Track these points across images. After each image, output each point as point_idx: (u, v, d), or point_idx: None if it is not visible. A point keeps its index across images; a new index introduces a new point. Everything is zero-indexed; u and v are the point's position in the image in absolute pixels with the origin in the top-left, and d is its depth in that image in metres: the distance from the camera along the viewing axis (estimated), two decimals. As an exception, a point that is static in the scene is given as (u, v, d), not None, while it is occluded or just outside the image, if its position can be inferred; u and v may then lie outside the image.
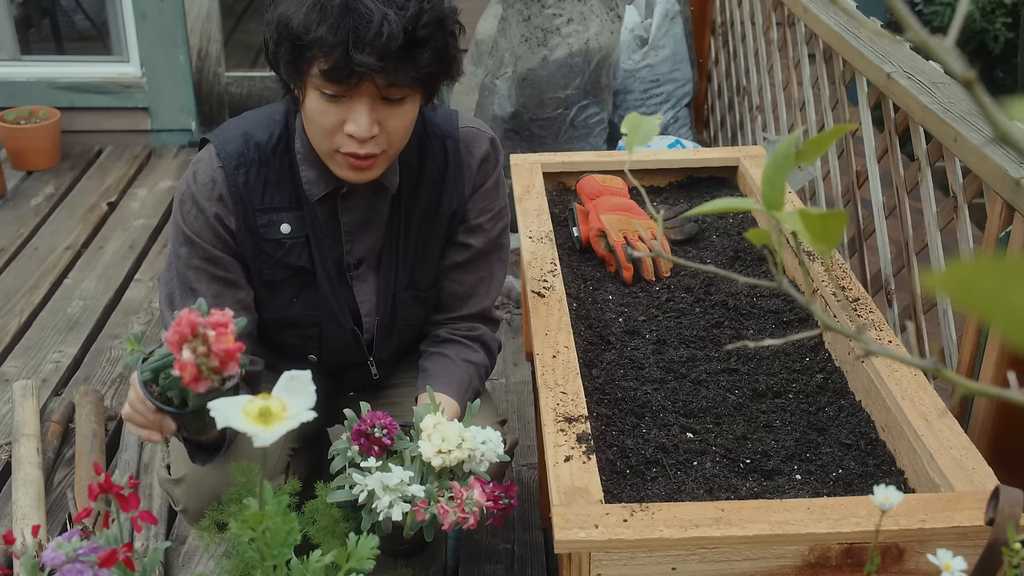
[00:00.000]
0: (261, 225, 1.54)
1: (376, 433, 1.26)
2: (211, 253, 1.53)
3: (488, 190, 1.66)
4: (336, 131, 1.42)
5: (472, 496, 1.21)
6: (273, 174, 1.53)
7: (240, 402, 0.94)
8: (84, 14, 4.72)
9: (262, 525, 1.01)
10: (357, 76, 1.35)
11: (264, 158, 1.53)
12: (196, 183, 1.53)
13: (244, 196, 1.52)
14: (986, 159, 1.62)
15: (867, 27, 0.56)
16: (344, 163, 1.46)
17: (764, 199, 0.65)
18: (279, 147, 1.54)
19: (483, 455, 1.29)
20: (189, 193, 1.53)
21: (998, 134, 0.44)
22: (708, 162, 2.19)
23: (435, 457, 1.25)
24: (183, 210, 1.54)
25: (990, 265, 0.38)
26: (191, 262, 1.53)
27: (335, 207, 1.57)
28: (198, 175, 1.53)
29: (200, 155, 1.56)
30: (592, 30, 3.52)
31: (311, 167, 1.53)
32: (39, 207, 3.73)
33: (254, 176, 1.53)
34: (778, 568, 1.19)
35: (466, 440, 1.26)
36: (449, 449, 1.25)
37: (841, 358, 1.61)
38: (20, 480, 2.21)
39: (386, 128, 1.43)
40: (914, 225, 2.07)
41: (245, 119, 1.60)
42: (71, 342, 2.91)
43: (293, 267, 1.57)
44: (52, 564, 1.07)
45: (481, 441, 1.29)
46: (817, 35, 2.60)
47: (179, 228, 1.54)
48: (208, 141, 1.57)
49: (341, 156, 1.45)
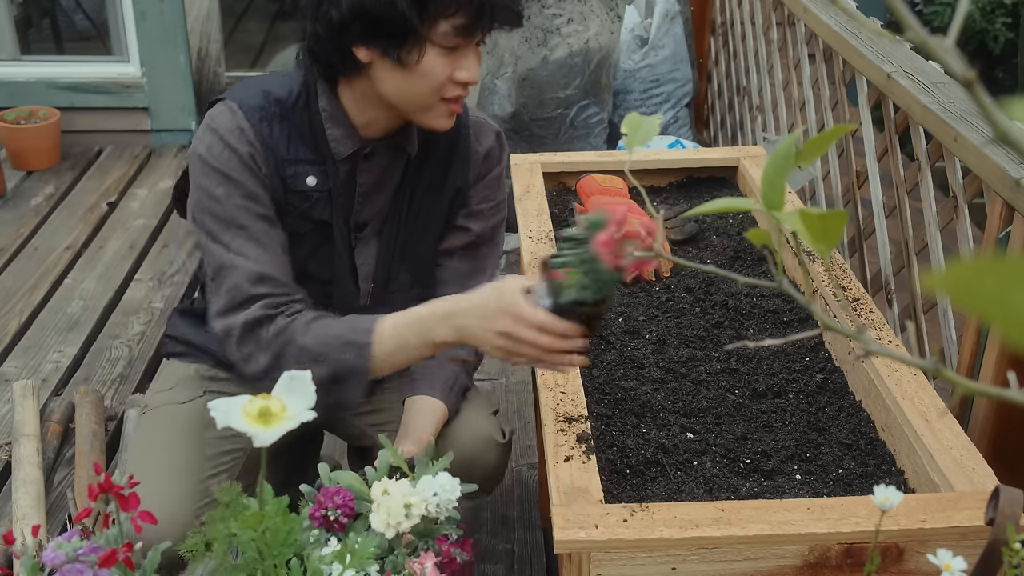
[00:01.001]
0: (289, 176, 1.53)
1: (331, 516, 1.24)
2: (252, 190, 1.49)
3: (492, 180, 1.69)
4: (447, 82, 1.45)
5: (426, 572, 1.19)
6: (295, 129, 1.53)
7: (240, 402, 0.94)
8: (84, 14, 4.72)
9: (262, 525, 1.01)
10: (490, 23, 1.42)
11: (285, 112, 1.53)
12: (222, 130, 1.49)
13: (271, 145, 1.51)
14: (986, 159, 1.62)
15: (867, 27, 0.56)
16: (445, 111, 1.48)
17: (764, 199, 0.65)
18: (299, 103, 1.53)
19: (439, 506, 1.26)
20: (216, 138, 1.49)
21: (998, 134, 0.44)
22: (708, 162, 2.19)
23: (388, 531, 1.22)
24: (214, 154, 1.48)
25: (990, 265, 0.38)
26: (232, 201, 1.48)
27: (355, 167, 1.57)
28: (221, 125, 1.50)
29: (216, 111, 1.52)
30: (592, 30, 3.52)
31: (337, 125, 1.53)
32: (39, 207, 3.73)
33: (278, 128, 1.52)
34: (778, 568, 1.19)
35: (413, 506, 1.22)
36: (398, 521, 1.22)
37: (841, 358, 1.61)
38: (20, 480, 2.21)
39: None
40: (914, 225, 2.07)
41: (259, 80, 1.59)
42: (71, 342, 2.91)
43: (315, 221, 1.57)
44: (52, 564, 1.07)
45: (432, 493, 1.25)
46: (817, 35, 2.60)
47: (212, 170, 1.48)
48: (219, 102, 1.54)
49: (444, 105, 1.47)
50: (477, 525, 2.20)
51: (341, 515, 1.21)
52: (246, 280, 1.46)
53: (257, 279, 1.46)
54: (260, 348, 1.46)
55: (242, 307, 1.46)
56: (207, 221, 1.49)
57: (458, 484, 1.27)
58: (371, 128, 1.54)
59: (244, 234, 1.48)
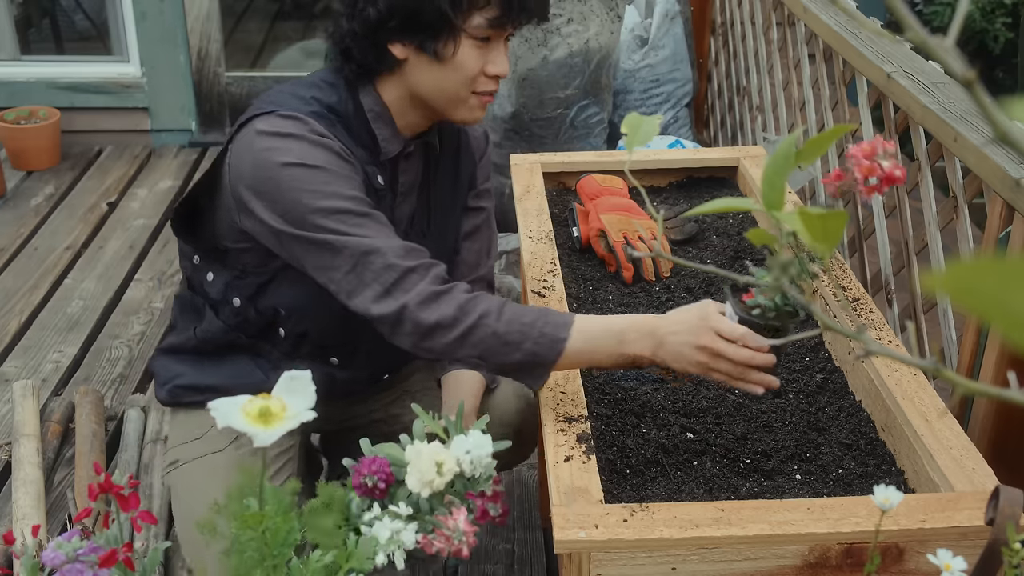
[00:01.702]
0: (369, 175, 1.52)
1: (369, 483, 1.26)
2: (356, 180, 1.45)
3: (487, 160, 1.77)
4: (479, 75, 1.47)
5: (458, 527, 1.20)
6: (352, 132, 1.52)
7: (240, 402, 0.94)
8: (84, 14, 4.72)
9: (262, 525, 1.01)
10: (527, 14, 1.46)
11: (342, 118, 1.51)
12: (303, 133, 1.42)
13: (349, 147, 1.49)
14: (986, 159, 1.62)
15: (867, 27, 0.56)
16: (478, 104, 1.51)
17: (764, 199, 0.65)
18: (348, 109, 1.52)
19: (472, 462, 1.27)
20: (302, 142, 1.42)
21: (998, 134, 0.44)
22: (708, 162, 2.19)
23: (423, 489, 1.24)
24: (308, 155, 1.41)
25: (990, 265, 0.38)
26: (348, 192, 1.42)
27: (396, 167, 1.58)
28: (299, 130, 1.43)
29: (276, 122, 1.43)
30: (592, 30, 3.52)
31: (384, 125, 1.53)
32: (39, 207, 3.73)
33: (341, 132, 1.49)
34: (778, 568, 1.19)
35: (444, 464, 1.23)
36: (431, 480, 1.24)
37: (841, 358, 1.61)
38: (20, 480, 2.21)
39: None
40: (914, 225, 2.07)
41: (297, 87, 1.53)
42: (71, 342, 2.91)
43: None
44: (52, 564, 1.07)
45: (465, 451, 1.27)
46: (817, 35, 2.60)
47: (315, 170, 1.40)
48: (265, 114, 1.46)
49: (476, 98, 1.50)
50: (477, 525, 2.21)
51: (379, 481, 1.23)
52: (396, 257, 1.39)
53: (405, 253, 1.40)
54: (445, 322, 1.38)
55: (403, 283, 1.39)
56: (328, 222, 1.39)
57: (489, 440, 1.28)
58: (408, 128, 1.56)
59: (370, 220, 1.41)
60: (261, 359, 1.63)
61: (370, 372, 1.74)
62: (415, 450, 1.24)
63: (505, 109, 3.48)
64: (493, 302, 1.40)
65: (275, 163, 1.40)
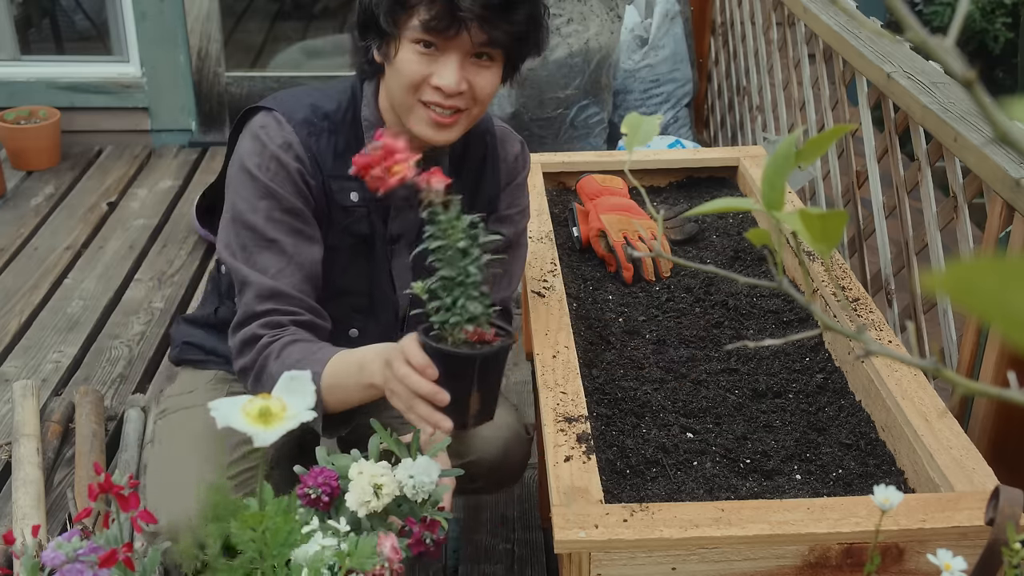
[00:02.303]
0: (335, 191, 1.55)
1: (312, 495, 1.25)
2: (293, 204, 1.51)
3: (518, 186, 1.71)
4: (422, 83, 1.45)
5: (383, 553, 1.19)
6: (341, 143, 1.55)
7: (240, 402, 0.94)
8: (84, 14, 4.72)
9: (262, 525, 1.01)
10: (458, 24, 1.40)
11: (332, 127, 1.55)
12: (270, 142, 1.51)
13: (318, 160, 1.53)
14: (986, 159, 1.62)
15: (867, 27, 0.56)
16: (425, 118, 1.48)
17: (764, 199, 0.65)
18: (346, 118, 1.56)
19: (415, 487, 1.26)
20: (267, 151, 1.51)
21: (998, 134, 0.44)
22: (708, 162, 2.19)
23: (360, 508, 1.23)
24: (262, 165, 1.50)
25: (990, 265, 0.38)
26: (271, 215, 1.50)
27: None
28: (271, 137, 1.51)
29: (263, 121, 1.53)
30: (592, 30, 3.52)
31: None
32: (39, 207, 3.73)
33: (325, 143, 1.54)
34: (778, 568, 1.19)
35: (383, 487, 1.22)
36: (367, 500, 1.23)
37: (841, 358, 1.61)
38: (20, 480, 2.21)
39: (473, 87, 1.46)
40: (914, 225, 2.07)
41: (304, 92, 1.61)
42: (71, 342, 2.91)
43: (357, 235, 1.59)
44: (52, 564, 1.07)
45: (409, 476, 1.26)
46: (817, 35, 2.60)
47: (256, 182, 1.50)
48: (261, 109, 1.56)
49: (423, 110, 1.47)
50: (477, 525, 2.21)
51: (322, 493, 1.22)
52: (255, 297, 1.48)
53: (268, 295, 1.47)
54: (247, 367, 1.48)
55: (246, 324, 1.48)
56: (241, 233, 1.50)
57: (437, 468, 1.26)
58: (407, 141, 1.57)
59: (273, 248, 1.49)
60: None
61: None
62: (357, 468, 1.23)
63: (505, 109, 3.48)
64: (282, 343, 1.45)
65: (239, 162, 1.53)
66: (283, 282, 1.48)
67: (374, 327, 1.67)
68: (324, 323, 1.52)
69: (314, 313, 1.51)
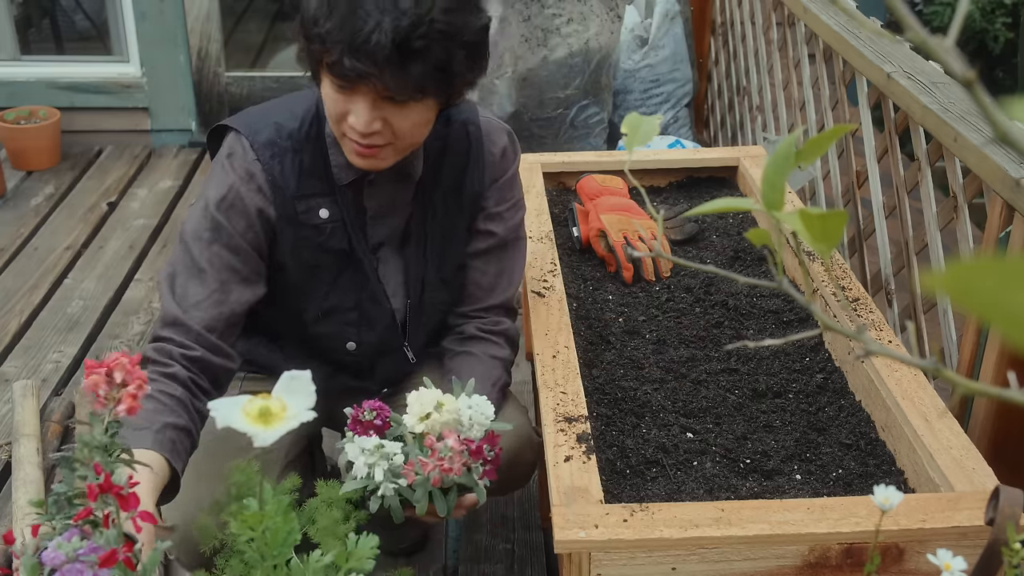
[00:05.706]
0: (301, 212, 1.55)
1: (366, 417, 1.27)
2: (236, 243, 1.52)
3: (507, 181, 1.68)
4: (342, 119, 1.45)
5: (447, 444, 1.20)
6: (307, 161, 1.55)
7: (240, 402, 0.94)
8: (84, 14, 4.72)
9: (262, 525, 1.01)
10: (353, 76, 1.37)
11: (296, 146, 1.54)
12: (234, 173, 1.53)
13: (281, 185, 1.53)
14: (986, 159, 1.62)
15: (867, 27, 0.56)
16: (351, 148, 1.48)
17: (764, 199, 0.65)
18: (310, 133, 1.55)
19: (471, 418, 1.28)
20: (228, 182, 1.52)
21: (998, 134, 0.44)
22: (708, 162, 2.19)
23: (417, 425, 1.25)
24: (220, 197, 1.52)
25: (990, 265, 0.38)
26: (212, 247, 1.52)
27: (359, 192, 1.58)
28: (235, 167, 1.53)
29: (230, 147, 1.55)
30: (592, 30, 3.52)
31: (339, 152, 1.55)
32: (39, 207, 3.73)
33: (288, 164, 1.54)
34: (778, 568, 1.19)
35: (445, 404, 1.25)
36: (427, 412, 1.24)
37: (841, 358, 1.61)
38: (20, 480, 2.21)
39: (391, 125, 1.44)
40: (914, 225, 2.07)
41: (271, 107, 1.61)
42: (71, 342, 2.91)
43: (334, 250, 1.59)
44: (52, 564, 1.07)
45: (467, 406, 1.28)
46: (817, 35, 2.60)
47: (209, 213, 1.52)
48: (229, 129, 1.57)
49: (348, 141, 1.47)
50: (477, 525, 2.21)
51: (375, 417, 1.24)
52: (160, 320, 1.50)
53: (171, 323, 1.48)
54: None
55: (150, 341, 1.50)
56: (180, 255, 1.53)
57: (492, 409, 1.29)
58: None
59: (200, 277, 1.50)
60: (274, 345, 1.72)
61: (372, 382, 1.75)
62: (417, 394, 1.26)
63: (505, 109, 3.48)
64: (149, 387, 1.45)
65: (206, 192, 1.55)
66: (192, 314, 1.48)
67: (370, 338, 1.67)
68: (221, 361, 1.50)
69: (211, 350, 1.48)
